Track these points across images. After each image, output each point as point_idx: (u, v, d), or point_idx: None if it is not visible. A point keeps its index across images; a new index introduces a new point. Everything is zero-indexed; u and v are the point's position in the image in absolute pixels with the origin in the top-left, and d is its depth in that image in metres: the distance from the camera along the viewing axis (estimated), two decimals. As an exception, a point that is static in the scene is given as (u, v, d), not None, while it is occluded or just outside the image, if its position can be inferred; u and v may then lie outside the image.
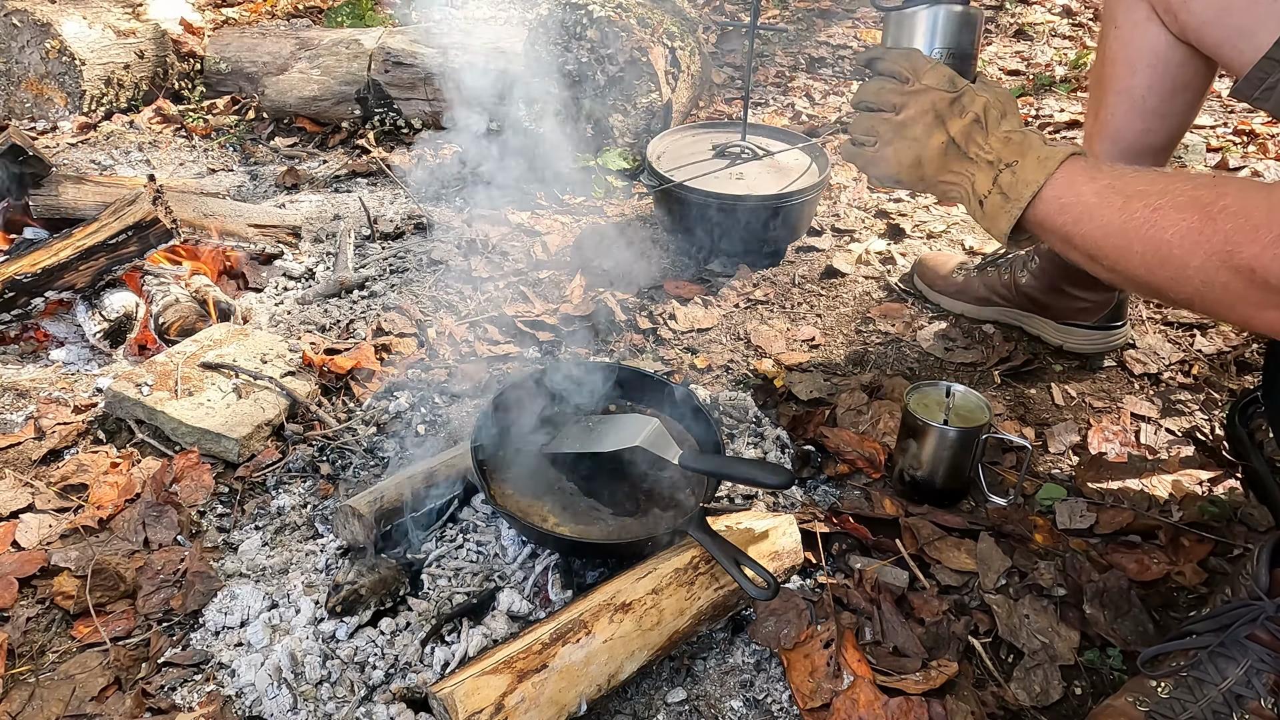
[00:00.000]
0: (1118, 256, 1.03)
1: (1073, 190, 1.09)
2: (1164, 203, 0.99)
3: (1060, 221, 1.09)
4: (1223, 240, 0.92)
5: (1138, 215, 1.01)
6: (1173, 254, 0.97)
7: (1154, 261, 0.99)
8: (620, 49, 2.87)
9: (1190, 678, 1.22)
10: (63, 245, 2.12)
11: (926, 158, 1.21)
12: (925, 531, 1.58)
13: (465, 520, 1.59)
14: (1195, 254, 0.95)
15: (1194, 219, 0.96)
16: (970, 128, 1.18)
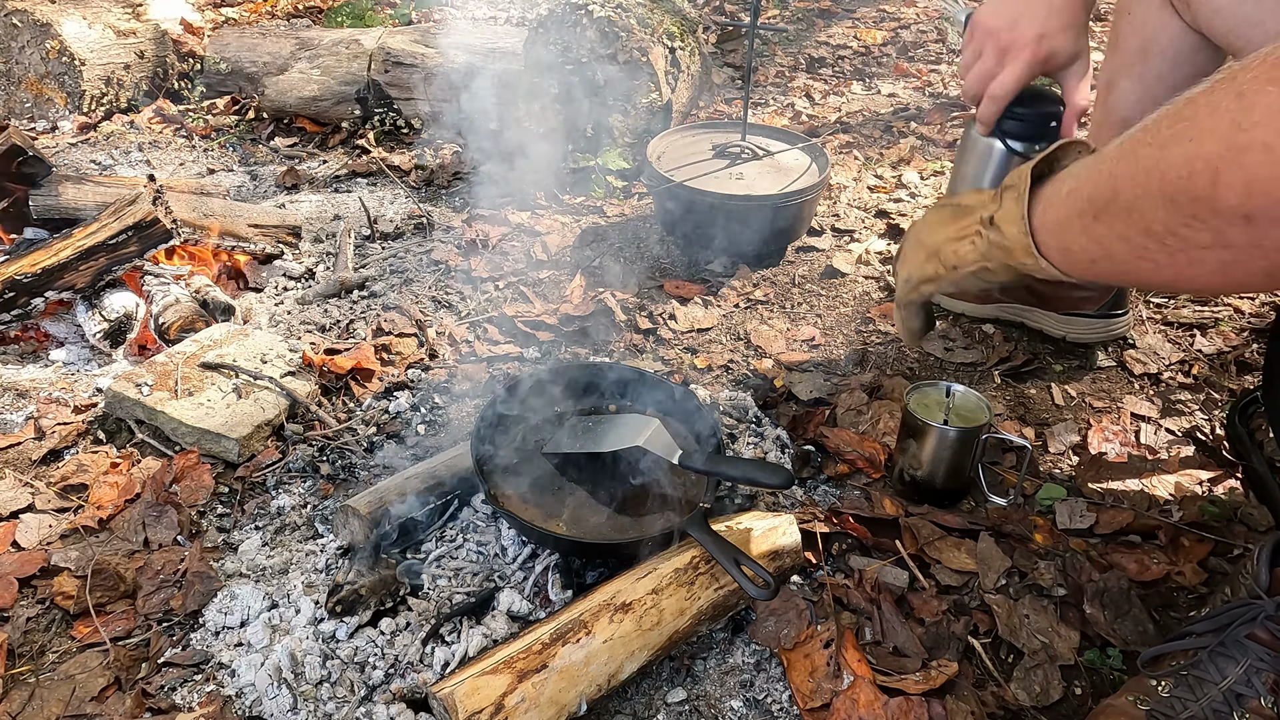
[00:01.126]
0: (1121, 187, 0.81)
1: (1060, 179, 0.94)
2: (1159, 114, 0.80)
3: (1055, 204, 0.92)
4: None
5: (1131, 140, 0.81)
6: (1161, 157, 0.75)
7: (1141, 171, 0.78)
8: (620, 49, 2.87)
9: (1190, 677, 1.23)
10: (63, 245, 2.12)
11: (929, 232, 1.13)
12: (925, 531, 1.58)
13: (465, 520, 1.59)
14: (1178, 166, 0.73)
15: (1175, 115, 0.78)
16: (939, 206, 1.16)
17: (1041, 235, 0.92)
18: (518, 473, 1.58)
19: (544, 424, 1.69)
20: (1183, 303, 2.27)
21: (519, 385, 1.69)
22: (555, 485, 1.56)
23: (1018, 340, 2.14)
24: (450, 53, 3.31)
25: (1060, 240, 0.90)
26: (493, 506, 1.51)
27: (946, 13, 1.96)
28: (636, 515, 1.51)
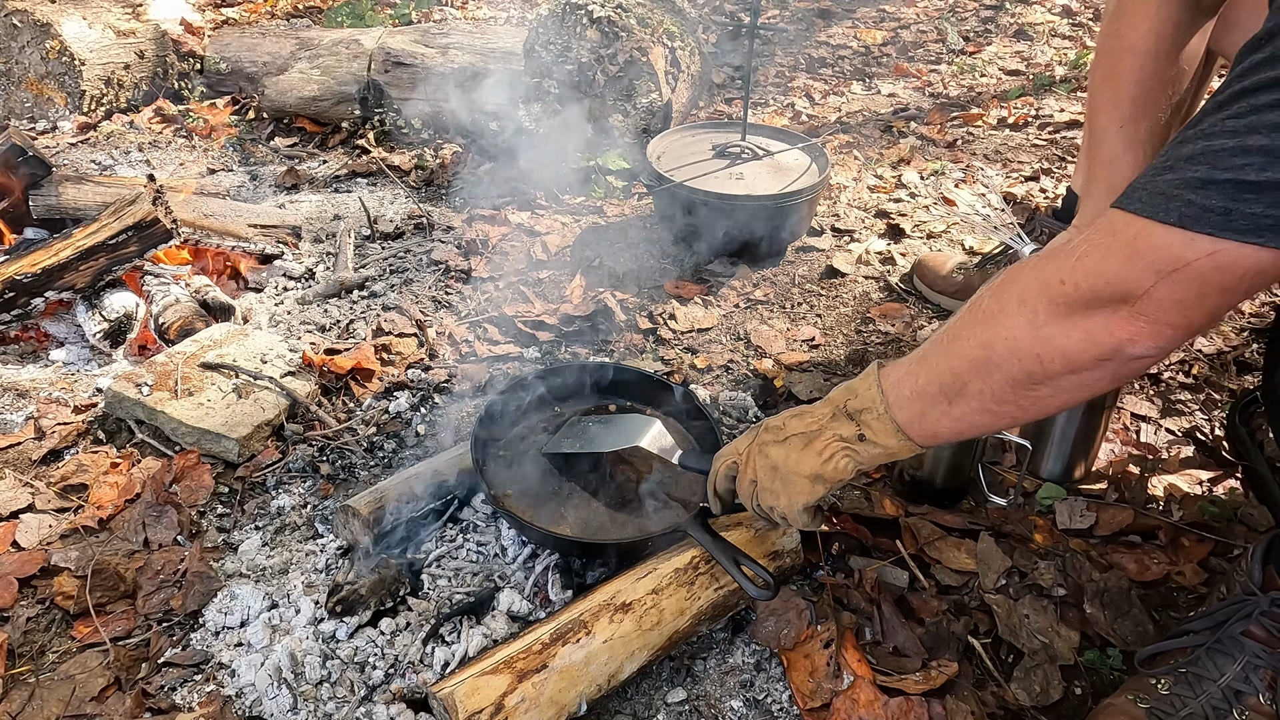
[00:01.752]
0: (963, 366, 1.04)
1: (889, 378, 1.12)
2: (978, 296, 1.05)
3: (909, 403, 1.10)
4: (1029, 277, 0.98)
5: (962, 321, 1.05)
6: (997, 320, 1.00)
7: (986, 336, 1.01)
8: (620, 49, 2.87)
9: (1189, 674, 1.23)
10: (63, 245, 2.12)
11: (793, 465, 1.22)
12: (925, 531, 1.58)
13: (465, 520, 1.59)
14: (1009, 302, 0.99)
15: (1003, 283, 1.01)
16: (790, 422, 1.23)
17: (909, 431, 1.11)
18: (518, 472, 1.58)
19: (544, 423, 1.69)
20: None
21: (519, 384, 1.69)
22: (555, 485, 1.56)
23: (1018, 340, 2.14)
24: (450, 53, 3.31)
25: (924, 428, 1.10)
26: (493, 506, 1.51)
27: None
28: (637, 515, 1.51)
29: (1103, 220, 0.92)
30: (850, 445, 1.17)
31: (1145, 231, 0.86)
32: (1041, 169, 3.01)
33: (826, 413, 1.19)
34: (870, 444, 1.15)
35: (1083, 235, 0.94)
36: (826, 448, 1.18)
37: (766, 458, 1.25)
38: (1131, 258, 0.87)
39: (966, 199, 2.84)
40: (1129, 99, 1.59)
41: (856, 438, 1.16)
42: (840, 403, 1.18)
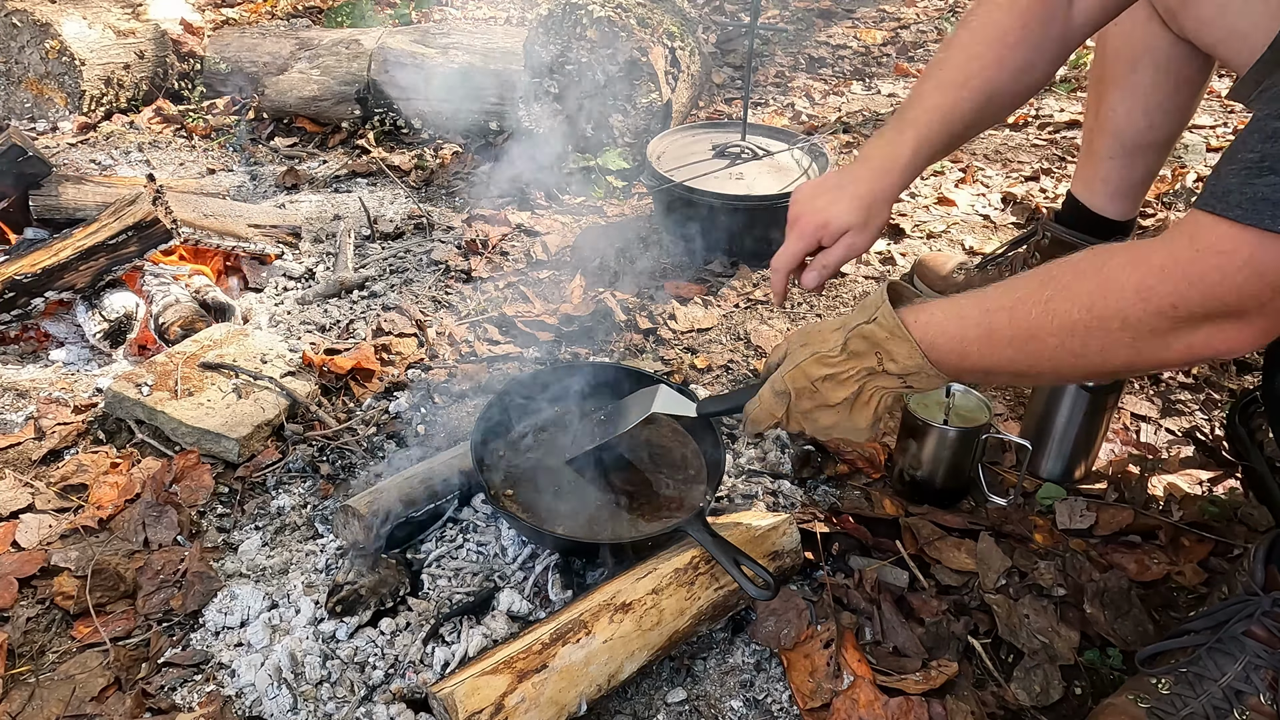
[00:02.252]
0: (1040, 361, 1.05)
1: (949, 338, 1.10)
2: (1050, 292, 1.02)
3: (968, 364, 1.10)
4: (1133, 292, 0.94)
5: (1033, 315, 1.02)
6: (1090, 330, 0.98)
7: (1076, 344, 1.00)
8: (620, 49, 2.87)
9: (1190, 674, 1.23)
10: (63, 245, 2.12)
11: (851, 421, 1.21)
12: (925, 531, 1.58)
13: (465, 520, 1.59)
14: (1110, 319, 0.96)
15: (1091, 288, 0.98)
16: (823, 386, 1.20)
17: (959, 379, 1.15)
18: (519, 472, 1.58)
19: (544, 423, 1.69)
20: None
21: (518, 385, 1.69)
22: (555, 485, 1.56)
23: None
24: (450, 53, 3.31)
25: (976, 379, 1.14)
26: (493, 506, 1.51)
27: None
28: (636, 514, 1.51)
29: (1206, 228, 0.89)
30: (896, 391, 1.18)
31: (1262, 247, 0.85)
32: (1041, 169, 3.01)
33: (860, 370, 1.17)
34: (916, 389, 1.17)
35: (1185, 244, 0.91)
36: (873, 398, 1.18)
37: (817, 422, 1.23)
38: (1253, 278, 0.87)
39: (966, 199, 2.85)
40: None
41: (903, 387, 1.16)
42: (875, 363, 1.15)
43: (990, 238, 2.62)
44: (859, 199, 1.38)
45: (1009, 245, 2.21)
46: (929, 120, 1.36)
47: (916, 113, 1.37)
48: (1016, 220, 2.73)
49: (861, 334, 1.16)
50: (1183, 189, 2.79)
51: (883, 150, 1.39)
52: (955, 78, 1.35)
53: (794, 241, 1.44)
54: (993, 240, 2.60)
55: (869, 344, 1.15)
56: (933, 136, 1.37)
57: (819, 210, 1.40)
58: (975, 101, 1.35)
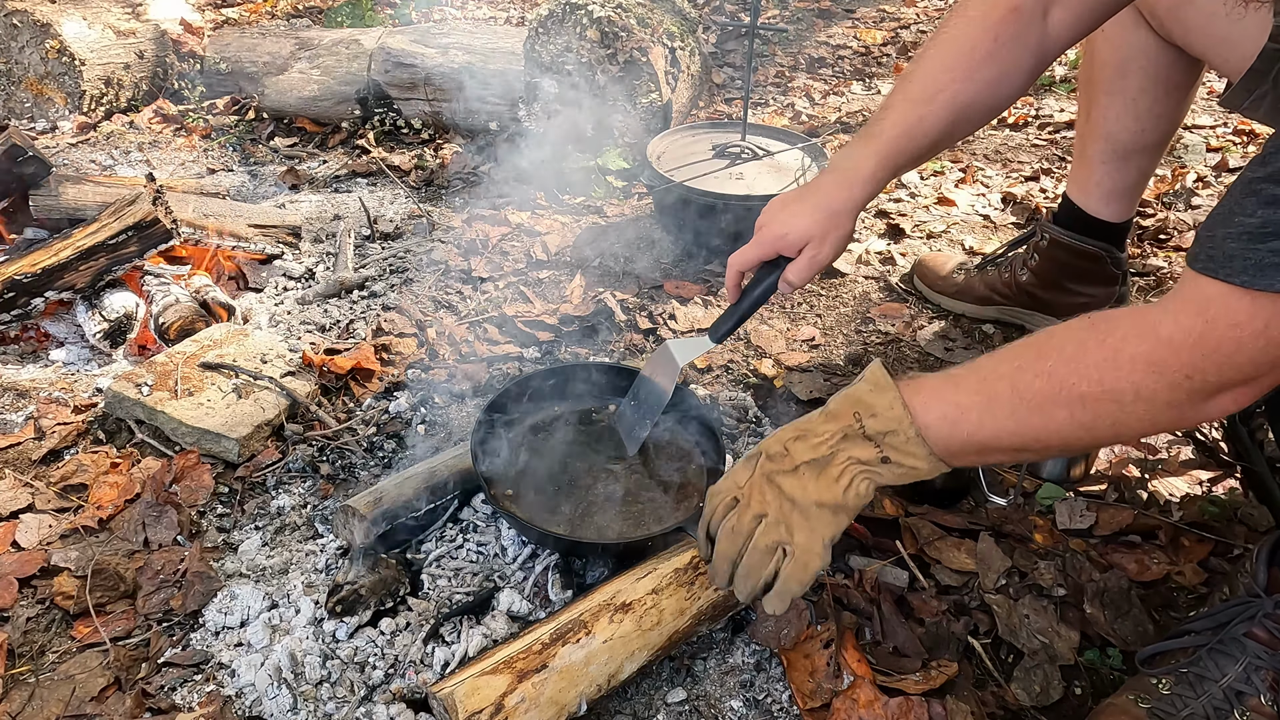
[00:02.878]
0: (1046, 435, 1.02)
1: (944, 403, 1.06)
2: (1053, 363, 0.99)
3: (961, 433, 1.05)
4: (1144, 365, 0.93)
5: (1037, 387, 1.00)
6: (1101, 403, 0.96)
7: (1087, 417, 0.98)
8: (620, 49, 2.87)
9: (1190, 675, 1.23)
10: (63, 245, 2.12)
11: (811, 492, 1.13)
12: (925, 531, 1.58)
13: (465, 520, 1.59)
14: (1123, 391, 0.95)
15: (1099, 361, 0.96)
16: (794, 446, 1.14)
17: (950, 460, 1.08)
18: (519, 472, 1.58)
19: (543, 422, 1.69)
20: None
21: (518, 385, 1.69)
22: (555, 485, 1.56)
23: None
24: (450, 53, 3.31)
25: (974, 461, 1.08)
26: (493, 506, 1.51)
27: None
28: (637, 514, 1.51)
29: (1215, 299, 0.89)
30: (870, 468, 1.10)
31: (1276, 315, 0.85)
32: (1041, 169, 3.01)
33: (834, 432, 1.11)
34: (896, 465, 1.09)
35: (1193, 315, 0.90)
36: (843, 473, 1.11)
37: (780, 490, 1.15)
38: (1268, 347, 0.87)
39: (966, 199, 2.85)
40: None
41: (879, 459, 1.09)
42: (852, 422, 1.10)
43: (990, 238, 2.62)
44: (819, 210, 1.38)
45: (1008, 246, 2.21)
46: (894, 135, 1.36)
47: (882, 126, 1.38)
48: (1016, 220, 2.73)
49: (845, 394, 1.13)
50: (1183, 189, 2.79)
51: (846, 163, 1.40)
52: (922, 93, 1.35)
53: (752, 248, 1.45)
54: (993, 240, 2.60)
55: (850, 402, 1.11)
56: (896, 150, 1.37)
57: (781, 222, 1.41)
58: (942, 116, 1.35)
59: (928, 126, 1.36)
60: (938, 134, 1.37)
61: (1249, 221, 0.85)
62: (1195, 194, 2.77)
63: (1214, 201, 2.76)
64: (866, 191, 1.38)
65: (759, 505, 1.17)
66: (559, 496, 1.54)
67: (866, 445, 1.09)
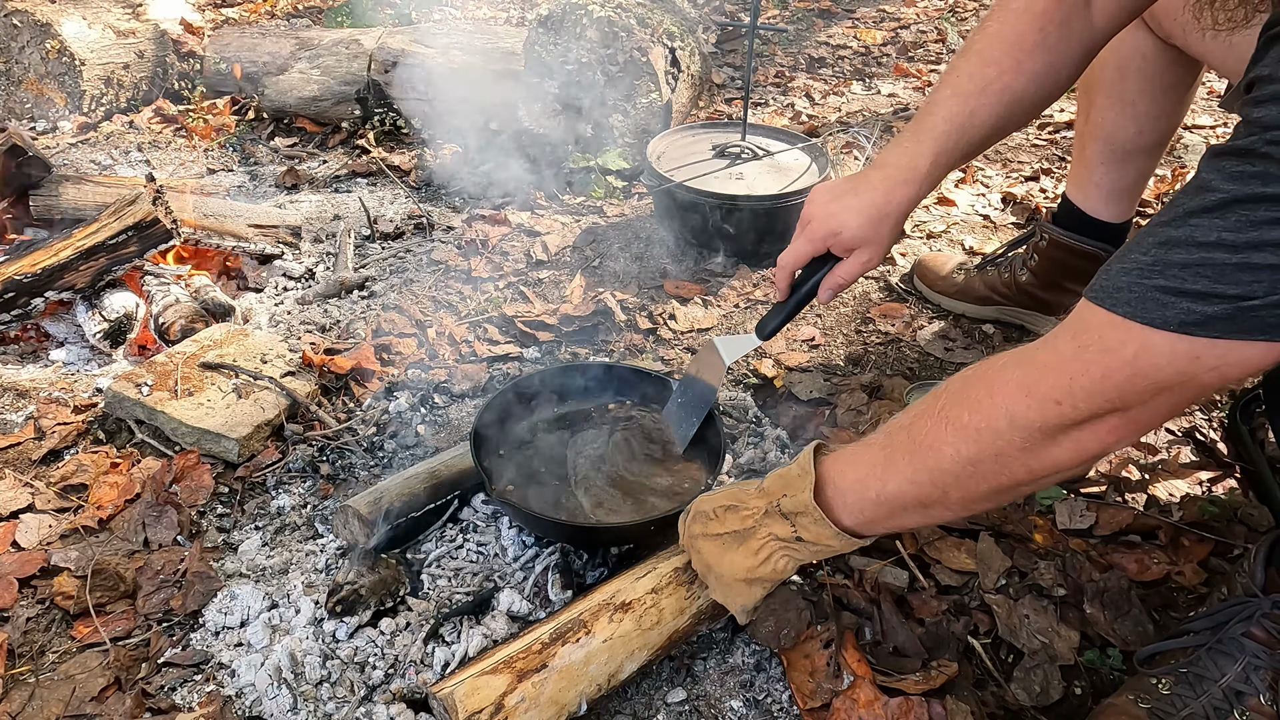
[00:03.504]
0: (938, 477, 1.03)
1: (857, 466, 1.10)
2: (944, 402, 1.01)
3: (874, 497, 1.09)
4: (1016, 388, 0.94)
5: (929, 428, 1.02)
6: (981, 432, 0.97)
7: (972, 450, 0.98)
8: (620, 49, 2.87)
9: (1190, 674, 1.23)
10: (63, 245, 2.12)
11: (727, 568, 1.21)
12: (925, 531, 1.58)
13: (465, 520, 1.59)
14: (999, 417, 0.95)
15: (979, 391, 0.98)
16: (724, 515, 1.21)
17: (860, 530, 1.12)
18: (521, 468, 1.58)
19: (543, 420, 1.69)
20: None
21: (519, 384, 1.69)
22: (558, 476, 1.56)
23: (1017, 341, 2.14)
24: (450, 53, 3.31)
25: (883, 528, 1.13)
26: (498, 503, 1.51)
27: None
28: (640, 502, 1.51)
29: (1093, 326, 0.89)
30: (788, 545, 1.16)
31: (1147, 347, 0.84)
32: (1041, 169, 3.01)
33: (759, 507, 1.17)
34: (809, 544, 1.14)
35: (1069, 339, 0.91)
36: (762, 548, 1.17)
37: (700, 555, 1.23)
38: (1135, 377, 0.86)
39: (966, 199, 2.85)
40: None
41: (793, 538, 1.14)
42: (775, 497, 1.16)
43: (990, 238, 2.62)
44: (874, 209, 1.34)
45: (1008, 246, 2.21)
46: (946, 130, 1.32)
47: (934, 120, 1.33)
48: (1016, 220, 2.73)
49: (778, 474, 1.17)
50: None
51: (900, 159, 1.34)
52: (972, 86, 1.31)
53: (802, 244, 1.40)
54: (993, 240, 2.60)
55: (780, 482, 1.16)
56: (951, 146, 1.33)
57: (832, 216, 1.36)
58: (994, 109, 1.31)
59: (979, 120, 1.31)
60: (989, 128, 1.33)
61: (1142, 259, 0.86)
62: (1195, 194, 2.77)
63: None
64: (921, 191, 1.34)
65: (692, 563, 1.28)
66: (561, 489, 1.54)
67: (784, 523, 1.15)
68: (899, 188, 1.33)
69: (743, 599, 1.23)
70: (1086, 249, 1.99)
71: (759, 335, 1.47)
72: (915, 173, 1.33)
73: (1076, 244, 1.99)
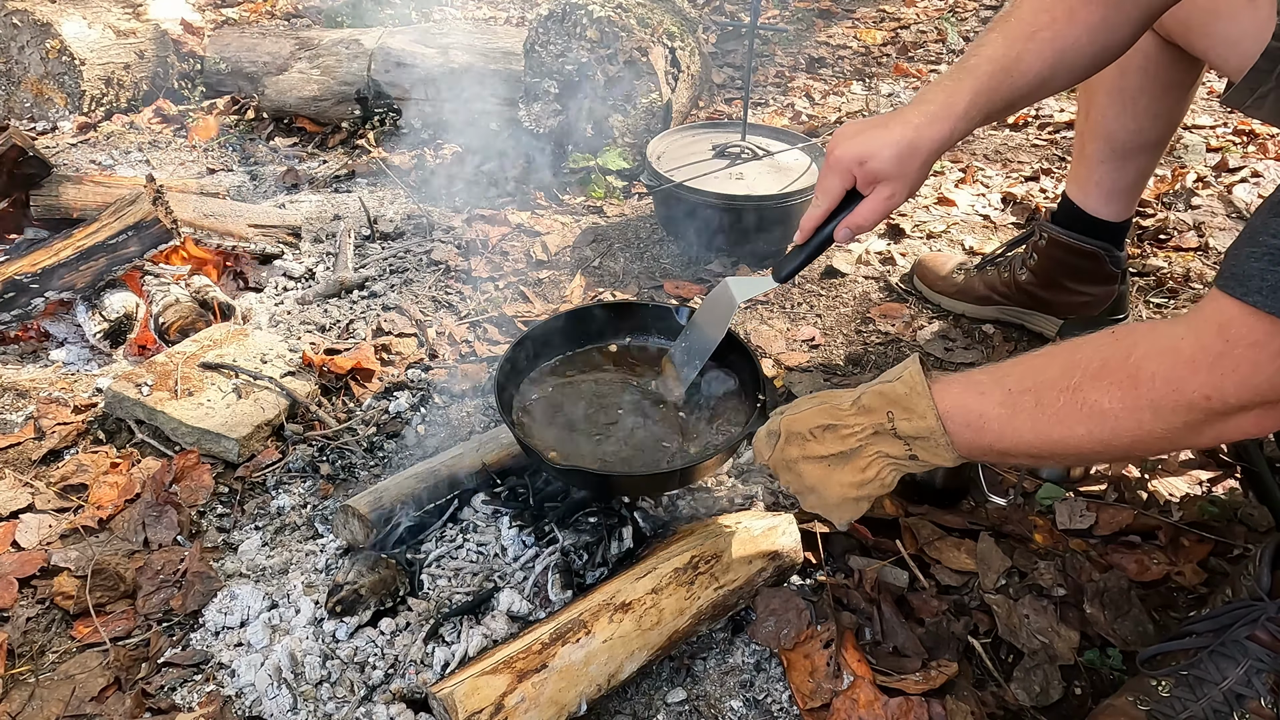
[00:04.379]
0: (1064, 448, 1.04)
1: (970, 412, 1.09)
2: (1078, 379, 1.00)
3: (984, 441, 1.09)
4: (1163, 384, 0.94)
5: (1060, 403, 1.01)
6: (1120, 420, 0.97)
7: (1106, 433, 0.99)
8: (620, 49, 2.87)
9: (1190, 676, 1.22)
10: (63, 245, 2.12)
11: (832, 489, 1.20)
12: (925, 531, 1.58)
13: (465, 520, 1.59)
14: (1142, 410, 0.96)
15: (1120, 379, 0.97)
16: (822, 435, 1.18)
17: (970, 457, 1.11)
18: (546, 421, 1.54)
19: (563, 365, 1.65)
20: (1184, 303, 2.27)
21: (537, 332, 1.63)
22: (587, 426, 1.53)
23: (1017, 341, 2.14)
24: (450, 53, 3.31)
25: (991, 458, 1.13)
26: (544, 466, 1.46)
27: None
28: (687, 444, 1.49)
29: (1235, 320, 0.89)
30: (898, 462, 1.14)
31: None
32: (1041, 169, 3.01)
33: (864, 427, 1.15)
34: (921, 463, 1.14)
35: (1214, 334, 0.91)
36: (869, 465, 1.15)
37: (800, 477, 1.20)
38: None
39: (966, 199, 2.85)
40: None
41: (907, 457, 1.14)
42: (884, 420, 1.13)
43: (990, 238, 2.62)
44: (904, 143, 1.25)
45: (1007, 246, 2.21)
46: (990, 70, 1.24)
47: (977, 60, 1.26)
48: (1016, 220, 2.73)
49: (879, 390, 1.14)
50: (1183, 189, 2.79)
51: (938, 96, 1.27)
52: (1022, 30, 1.24)
53: (828, 177, 1.32)
54: (992, 240, 2.60)
55: (884, 400, 1.13)
56: (992, 88, 1.24)
57: (861, 144, 1.27)
58: (1042, 56, 1.24)
59: (1026, 66, 1.24)
60: (1035, 76, 1.25)
61: (1272, 242, 0.85)
62: (1195, 194, 2.77)
63: (1214, 202, 2.76)
64: (958, 130, 1.26)
65: (784, 483, 1.22)
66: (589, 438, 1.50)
67: (896, 443, 1.13)
68: (932, 124, 1.26)
69: (849, 513, 1.20)
70: (1086, 248, 1.99)
71: (775, 278, 1.41)
72: (950, 110, 1.25)
73: (1076, 243, 1.99)
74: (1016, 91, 1.26)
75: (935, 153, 1.27)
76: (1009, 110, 1.31)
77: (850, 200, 1.32)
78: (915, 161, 1.26)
